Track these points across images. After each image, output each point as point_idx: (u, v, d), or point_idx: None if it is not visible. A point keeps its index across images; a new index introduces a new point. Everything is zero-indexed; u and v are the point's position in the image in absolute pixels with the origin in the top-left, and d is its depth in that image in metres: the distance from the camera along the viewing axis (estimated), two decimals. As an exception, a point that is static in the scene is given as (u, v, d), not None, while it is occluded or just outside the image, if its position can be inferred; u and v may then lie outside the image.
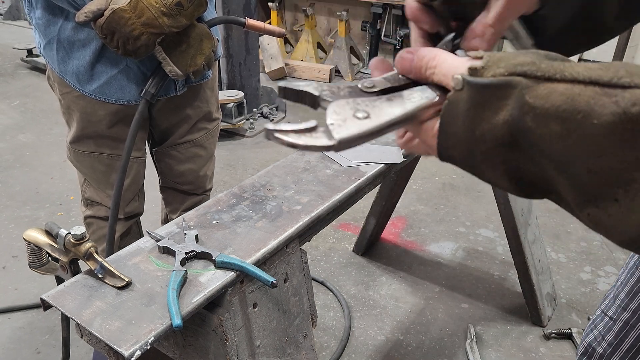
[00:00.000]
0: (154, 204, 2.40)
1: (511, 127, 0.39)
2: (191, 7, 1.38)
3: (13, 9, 7.37)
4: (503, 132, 0.40)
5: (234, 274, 0.94)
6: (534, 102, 0.38)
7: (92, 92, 1.51)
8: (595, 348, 1.14)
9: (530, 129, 0.38)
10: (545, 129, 0.37)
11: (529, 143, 0.39)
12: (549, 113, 0.37)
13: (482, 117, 0.41)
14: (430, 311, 2.28)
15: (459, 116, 0.42)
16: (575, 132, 0.36)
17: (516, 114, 0.39)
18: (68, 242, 0.90)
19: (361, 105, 0.44)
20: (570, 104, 0.36)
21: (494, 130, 0.40)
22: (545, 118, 0.37)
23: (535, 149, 0.39)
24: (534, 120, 0.38)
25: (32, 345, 2.08)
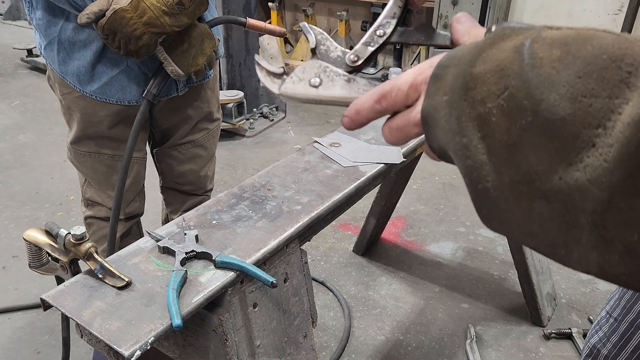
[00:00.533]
0: (154, 204, 2.40)
1: (517, 50, 0.39)
2: (192, 6, 1.38)
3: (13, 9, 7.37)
4: (506, 55, 0.40)
5: (234, 274, 0.94)
6: (547, 35, 0.39)
7: (92, 92, 1.51)
8: (600, 350, 1.14)
9: (535, 53, 0.38)
10: (549, 52, 0.38)
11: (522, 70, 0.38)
12: (556, 40, 0.38)
13: (495, 44, 0.41)
14: (430, 311, 2.28)
15: (473, 45, 0.42)
16: (571, 54, 0.37)
17: (528, 42, 0.39)
18: (68, 242, 0.90)
19: (325, 73, 0.51)
20: (577, 34, 0.38)
21: (499, 53, 0.40)
22: (551, 45, 0.38)
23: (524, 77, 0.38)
24: (541, 47, 0.38)
25: (32, 345, 2.08)
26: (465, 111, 0.41)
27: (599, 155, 0.34)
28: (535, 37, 0.39)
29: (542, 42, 0.38)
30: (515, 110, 0.38)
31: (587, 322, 2.21)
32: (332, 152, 1.38)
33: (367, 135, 1.50)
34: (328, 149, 1.40)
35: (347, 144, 1.43)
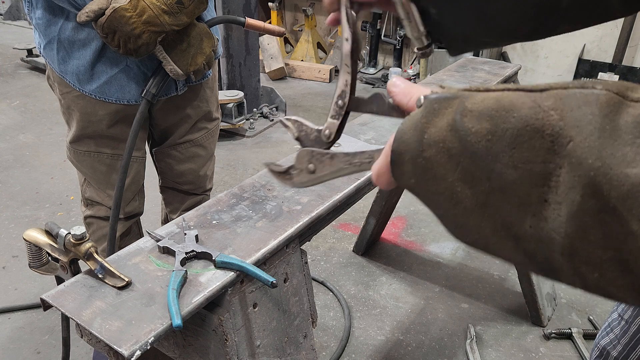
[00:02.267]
0: (154, 204, 2.40)
1: (453, 128, 0.45)
2: (192, 5, 1.38)
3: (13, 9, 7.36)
4: (445, 135, 0.45)
5: (234, 274, 0.94)
6: (471, 107, 0.44)
7: (92, 91, 1.51)
8: (610, 352, 1.15)
9: (467, 129, 0.43)
10: (479, 127, 0.43)
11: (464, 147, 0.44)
12: (482, 113, 0.43)
13: (431, 123, 0.47)
14: (430, 311, 2.28)
15: (413, 123, 0.48)
16: (500, 127, 0.42)
17: (458, 117, 0.45)
18: (68, 242, 0.90)
19: (314, 158, 0.63)
20: (498, 104, 0.43)
21: (438, 133, 0.46)
22: (479, 118, 0.43)
23: (469, 153, 0.44)
24: (470, 120, 0.44)
25: (32, 345, 2.08)
26: (431, 189, 0.48)
27: (552, 210, 0.40)
28: (462, 110, 0.44)
29: (470, 115, 0.44)
30: (473, 180, 0.44)
31: (587, 322, 2.21)
32: (332, 152, 1.38)
33: (367, 135, 1.50)
34: (328, 148, 1.40)
35: (347, 144, 1.43)
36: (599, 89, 0.38)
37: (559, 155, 0.39)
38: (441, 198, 0.48)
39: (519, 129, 0.41)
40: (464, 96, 0.45)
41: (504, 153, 0.41)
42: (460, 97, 0.46)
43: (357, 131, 1.52)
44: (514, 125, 0.41)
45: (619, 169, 0.36)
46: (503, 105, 0.42)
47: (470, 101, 0.44)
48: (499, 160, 0.42)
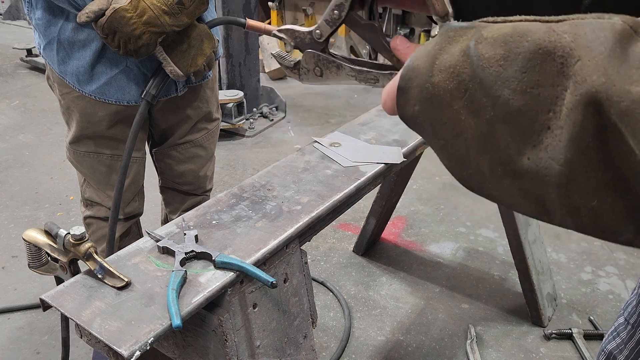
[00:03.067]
0: (153, 204, 2.39)
1: (465, 54, 0.44)
2: (192, 6, 1.37)
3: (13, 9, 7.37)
4: (457, 60, 0.45)
5: (234, 274, 0.94)
6: (487, 34, 0.44)
7: (92, 92, 1.51)
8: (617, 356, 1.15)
9: (481, 54, 0.43)
10: (493, 52, 0.43)
11: (475, 72, 0.44)
12: (497, 39, 0.43)
13: (444, 49, 0.46)
14: (431, 311, 2.27)
15: (426, 50, 0.48)
16: (513, 51, 0.42)
17: (472, 44, 0.44)
18: (67, 242, 0.90)
19: (320, 62, 0.65)
20: (514, 30, 0.42)
21: (450, 58, 0.46)
22: (493, 44, 0.43)
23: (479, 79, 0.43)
24: (485, 47, 0.43)
25: (32, 345, 2.08)
26: (435, 116, 0.47)
27: (554, 136, 0.40)
28: (478, 38, 0.44)
29: (485, 42, 0.44)
30: (479, 108, 0.44)
31: (588, 323, 2.21)
32: (332, 152, 1.38)
33: (367, 135, 1.49)
34: (328, 149, 1.40)
35: (347, 144, 1.43)
36: (616, 19, 0.38)
37: (566, 76, 0.39)
38: (443, 128, 0.47)
39: (532, 52, 0.40)
40: (481, 26, 0.45)
41: (514, 78, 0.41)
42: (477, 26, 0.45)
43: (357, 131, 1.52)
44: (527, 48, 0.41)
45: (622, 85, 0.36)
46: (518, 31, 0.42)
47: (486, 30, 0.44)
48: (508, 86, 0.41)
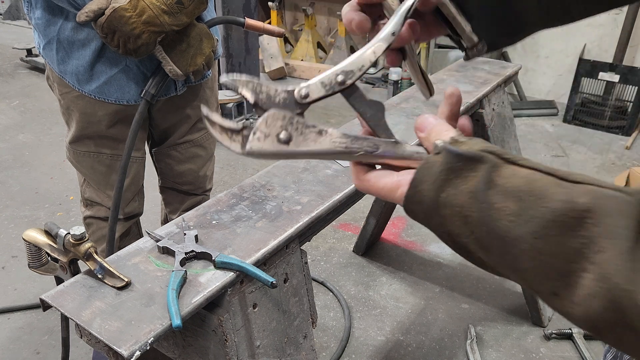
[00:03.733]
0: (153, 204, 2.39)
1: (474, 197, 0.44)
2: (192, 5, 1.37)
3: (13, 8, 7.36)
4: (465, 201, 0.44)
5: (234, 274, 0.93)
6: (499, 180, 0.43)
7: (91, 92, 1.51)
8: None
9: (491, 203, 0.42)
10: (504, 204, 0.42)
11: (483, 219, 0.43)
12: (509, 191, 0.42)
13: (451, 182, 0.45)
14: (431, 311, 2.27)
15: (431, 176, 0.47)
16: (527, 212, 0.41)
17: (482, 187, 0.43)
18: (67, 242, 0.90)
19: (292, 126, 0.48)
20: (528, 186, 0.41)
21: (458, 197, 0.45)
22: (505, 195, 0.42)
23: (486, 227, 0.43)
24: (496, 195, 0.42)
25: (32, 345, 2.08)
26: (447, 242, 0.48)
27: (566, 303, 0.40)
28: (489, 182, 0.43)
29: (496, 190, 0.43)
30: (486, 249, 0.44)
31: (588, 322, 2.21)
32: (332, 152, 1.38)
33: (367, 135, 1.49)
34: (328, 148, 1.39)
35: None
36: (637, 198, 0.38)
37: (587, 260, 0.38)
38: (455, 247, 0.48)
39: (548, 221, 0.39)
40: (492, 164, 0.44)
41: (526, 241, 0.40)
42: (488, 163, 0.44)
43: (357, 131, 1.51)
44: (543, 215, 0.40)
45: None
46: (533, 190, 0.41)
47: (498, 174, 0.43)
48: (518, 245, 0.41)
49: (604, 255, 0.37)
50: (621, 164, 3.56)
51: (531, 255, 0.40)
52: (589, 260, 0.38)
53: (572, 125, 4.12)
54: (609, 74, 3.89)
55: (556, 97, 4.54)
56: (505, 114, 2.01)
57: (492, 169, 0.44)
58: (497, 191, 0.42)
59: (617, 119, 3.99)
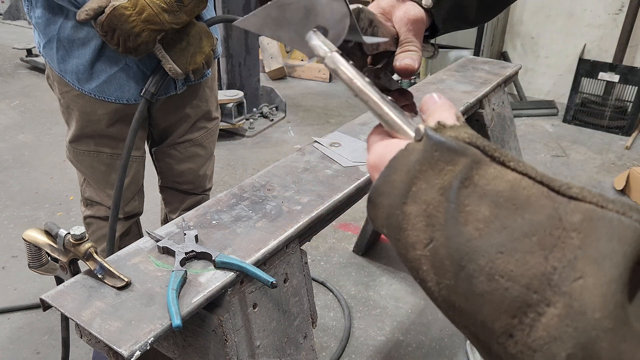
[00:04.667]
0: (153, 204, 2.39)
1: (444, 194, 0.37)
2: (191, 4, 1.37)
3: (13, 8, 7.36)
4: (433, 198, 0.38)
5: (234, 274, 0.93)
6: (478, 180, 0.36)
7: (91, 91, 1.51)
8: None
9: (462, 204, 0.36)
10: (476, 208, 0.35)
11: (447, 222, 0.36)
12: (487, 194, 0.35)
13: (424, 174, 0.39)
14: (431, 311, 2.27)
15: (405, 166, 0.40)
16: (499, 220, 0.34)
17: (456, 184, 0.37)
18: (68, 242, 0.90)
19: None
20: (512, 193, 0.35)
21: (428, 192, 0.38)
22: (481, 198, 0.35)
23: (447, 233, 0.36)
24: (469, 196, 0.36)
25: (32, 345, 2.08)
26: (401, 252, 0.40)
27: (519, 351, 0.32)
28: (465, 180, 0.36)
29: (472, 189, 0.36)
30: (440, 268, 0.36)
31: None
32: (332, 152, 1.38)
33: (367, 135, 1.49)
34: (328, 149, 1.40)
35: (347, 144, 1.43)
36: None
37: (555, 290, 0.31)
38: (407, 265, 0.40)
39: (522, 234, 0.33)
40: (474, 160, 0.37)
41: (487, 254, 0.33)
42: (470, 158, 0.37)
43: (357, 131, 1.51)
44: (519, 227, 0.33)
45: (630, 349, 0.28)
46: (516, 197, 0.34)
47: (480, 172, 0.36)
48: (476, 260, 0.34)
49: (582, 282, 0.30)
50: (621, 164, 3.56)
51: (488, 274, 0.33)
52: (559, 291, 0.30)
53: (572, 125, 4.12)
54: (608, 74, 3.89)
55: (556, 97, 4.54)
56: (505, 114, 2.01)
57: (474, 165, 0.37)
58: (473, 192, 0.36)
59: (617, 119, 3.99)
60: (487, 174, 0.36)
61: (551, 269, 0.31)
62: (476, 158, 0.37)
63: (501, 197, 0.35)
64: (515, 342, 0.32)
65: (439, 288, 0.37)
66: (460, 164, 0.37)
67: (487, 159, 0.37)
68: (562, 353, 0.29)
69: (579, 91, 4.06)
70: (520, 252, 0.32)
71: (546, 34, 4.49)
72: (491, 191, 0.35)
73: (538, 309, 0.31)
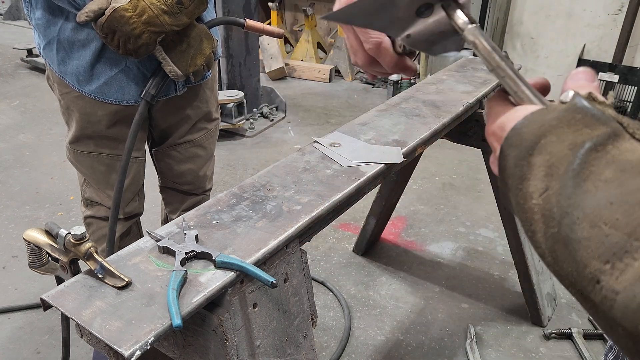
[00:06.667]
0: (154, 204, 2.40)
1: (573, 152, 0.38)
2: (192, 5, 1.38)
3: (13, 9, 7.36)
4: (561, 152, 0.39)
5: (234, 274, 0.94)
6: (611, 149, 0.37)
7: (91, 92, 1.51)
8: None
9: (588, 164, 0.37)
10: (601, 169, 0.36)
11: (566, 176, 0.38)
12: (616, 162, 0.36)
13: (558, 129, 0.40)
14: (430, 311, 2.28)
15: (540, 121, 0.42)
16: (619, 181, 0.35)
17: (589, 145, 0.38)
18: (68, 242, 0.90)
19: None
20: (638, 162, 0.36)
21: (557, 146, 0.40)
22: (608, 163, 0.37)
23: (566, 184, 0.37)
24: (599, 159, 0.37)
25: (32, 345, 2.08)
26: (519, 201, 0.42)
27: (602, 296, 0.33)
28: (600, 144, 0.38)
29: (603, 155, 0.37)
30: (548, 216, 0.38)
31: (587, 322, 2.21)
32: (332, 152, 1.38)
33: (367, 135, 1.49)
34: (328, 149, 1.40)
35: (347, 144, 1.43)
36: None
37: None
38: (524, 218, 0.42)
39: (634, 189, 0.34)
40: (615, 132, 0.38)
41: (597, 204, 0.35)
42: (612, 129, 0.38)
43: (357, 131, 1.52)
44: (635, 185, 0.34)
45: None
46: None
47: (615, 144, 0.38)
48: (583, 208, 0.35)
49: None
50: (621, 164, 3.56)
51: (592, 222, 0.34)
52: None
53: (572, 125, 4.12)
54: (608, 74, 3.89)
55: (556, 97, 4.54)
56: (505, 114, 2.01)
57: (612, 136, 0.38)
58: (603, 157, 0.37)
59: (617, 119, 3.99)
60: (622, 147, 0.37)
61: None
62: (617, 131, 0.38)
63: (628, 164, 0.36)
64: (601, 287, 0.33)
65: (545, 238, 0.38)
66: (599, 130, 0.38)
67: (626, 135, 0.38)
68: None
69: (578, 91, 4.06)
70: (630, 204, 0.33)
71: (546, 34, 4.49)
72: (621, 160, 0.36)
73: (635, 254, 0.32)
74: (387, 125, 1.55)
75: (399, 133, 1.50)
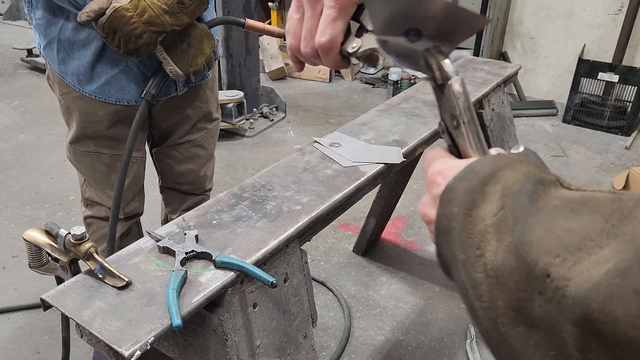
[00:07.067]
0: (154, 204, 2.39)
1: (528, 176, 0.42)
2: (193, 5, 1.38)
3: (13, 9, 7.36)
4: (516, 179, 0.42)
5: (234, 274, 0.94)
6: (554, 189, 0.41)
7: (92, 92, 1.51)
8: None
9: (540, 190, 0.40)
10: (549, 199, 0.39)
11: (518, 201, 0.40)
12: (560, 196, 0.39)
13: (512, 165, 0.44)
14: (430, 311, 2.28)
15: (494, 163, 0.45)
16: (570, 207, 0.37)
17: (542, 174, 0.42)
18: (68, 242, 0.90)
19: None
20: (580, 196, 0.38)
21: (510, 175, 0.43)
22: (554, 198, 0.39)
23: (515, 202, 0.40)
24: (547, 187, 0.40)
25: (32, 345, 2.08)
26: (466, 227, 0.42)
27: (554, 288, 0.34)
28: (547, 183, 0.41)
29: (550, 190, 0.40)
30: (503, 229, 0.39)
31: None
32: (332, 152, 1.38)
33: (367, 135, 1.50)
34: (328, 149, 1.40)
35: (347, 144, 1.43)
36: None
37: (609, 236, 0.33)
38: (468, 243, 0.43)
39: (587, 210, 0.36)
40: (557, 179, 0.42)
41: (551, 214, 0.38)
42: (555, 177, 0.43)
43: (357, 131, 1.52)
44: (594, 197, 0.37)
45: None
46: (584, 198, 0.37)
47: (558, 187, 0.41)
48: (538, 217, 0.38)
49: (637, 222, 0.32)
50: (620, 164, 3.56)
51: (547, 228, 0.36)
52: (613, 233, 0.33)
53: (571, 126, 4.13)
54: (608, 74, 3.89)
55: (556, 97, 4.54)
56: (504, 114, 2.01)
57: (555, 182, 0.42)
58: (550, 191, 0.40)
59: (617, 119, 3.99)
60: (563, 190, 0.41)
61: (609, 226, 0.34)
62: (559, 180, 0.42)
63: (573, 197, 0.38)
64: (552, 279, 0.34)
65: (495, 255, 0.39)
66: (547, 174, 0.43)
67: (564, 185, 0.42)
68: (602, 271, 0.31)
69: (578, 91, 4.06)
70: (584, 221, 0.35)
71: (546, 34, 4.49)
72: (568, 196, 0.39)
73: (591, 251, 0.33)
74: (387, 125, 1.55)
75: (399, 133, 1.50)
